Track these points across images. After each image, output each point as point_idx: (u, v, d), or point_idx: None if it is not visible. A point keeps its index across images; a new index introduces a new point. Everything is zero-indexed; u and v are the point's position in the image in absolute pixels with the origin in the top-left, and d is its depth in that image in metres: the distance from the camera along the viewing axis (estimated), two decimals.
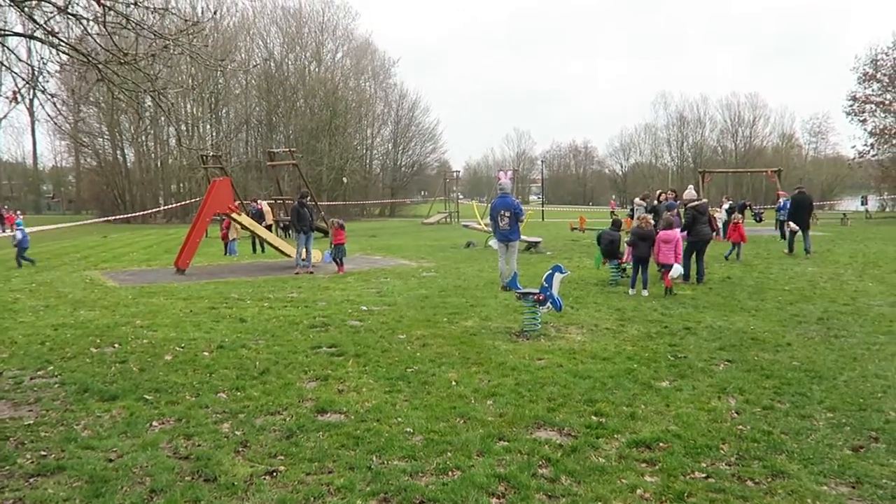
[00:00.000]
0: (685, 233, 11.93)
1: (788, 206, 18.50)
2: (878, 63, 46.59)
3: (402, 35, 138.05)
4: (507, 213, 11.35)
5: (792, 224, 17.15)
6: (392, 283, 12.33)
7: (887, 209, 55.69)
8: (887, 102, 46.95)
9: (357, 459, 4.09)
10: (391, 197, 61.55)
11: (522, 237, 14.51)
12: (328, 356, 6.74)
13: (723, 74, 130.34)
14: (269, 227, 20.69)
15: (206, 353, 6.90)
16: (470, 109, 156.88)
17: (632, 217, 20.40)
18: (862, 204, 53.45)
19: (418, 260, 17.16)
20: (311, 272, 14.22)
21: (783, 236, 19.95)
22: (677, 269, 10.71)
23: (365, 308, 9.56)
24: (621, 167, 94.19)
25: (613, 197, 71.45)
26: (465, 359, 6.56)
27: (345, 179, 48.77)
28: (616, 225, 12.82)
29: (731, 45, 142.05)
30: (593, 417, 4.82)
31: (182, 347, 7.19)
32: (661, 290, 10.64)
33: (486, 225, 26.74)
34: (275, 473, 3.92)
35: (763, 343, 7.14)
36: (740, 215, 20.57)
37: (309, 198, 15.43)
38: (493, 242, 12.56)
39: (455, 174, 52.77)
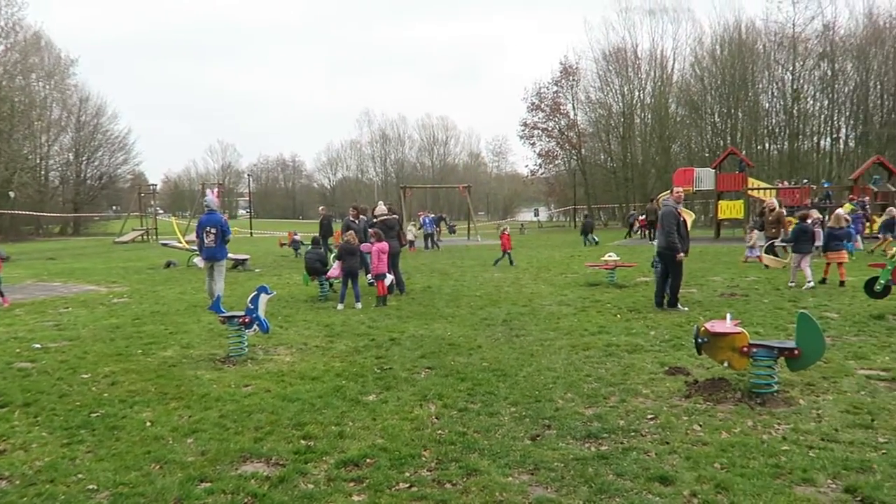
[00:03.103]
0: None
1: None
2: (542, 95, 54.41)
3: (82, 30, 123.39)
4: (214, 230, 11.09)
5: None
6: (75, 314, 10.84)
7: (554, 219, 65.08)
8: (550, 129, 55.03)
9: None
10: (74, 212, 54.31)
11: (230, 255, 13.94)
12: None
13: (418, 96, 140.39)
14: None
15: None
16: (167, 118, 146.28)
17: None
18: (535, 215, 61.80)
19: (108, 284, 15.37)
20: None
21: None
22: (388, 279, 11.33)
23: (38, 346, 8.23)
24: (329, 181, 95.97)
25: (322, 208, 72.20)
26: (162, 394, 6.00)
27: (11, 194, 41.70)
28: (316, 242, 13.27)
29: (412, 67, 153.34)
30: (302, 442, 4.74)
31: None
32: (369, 303, 11.00)
33: (188, 243, 25.03)
34: None
35: (458, 347, 7.77)
36: (437, 227, 22.33)
37: None
38: (199, 261, 12.25)
39: (152, 187, 48.61)
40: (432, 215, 28.80)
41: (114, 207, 65.40)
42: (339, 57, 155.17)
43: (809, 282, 11.90)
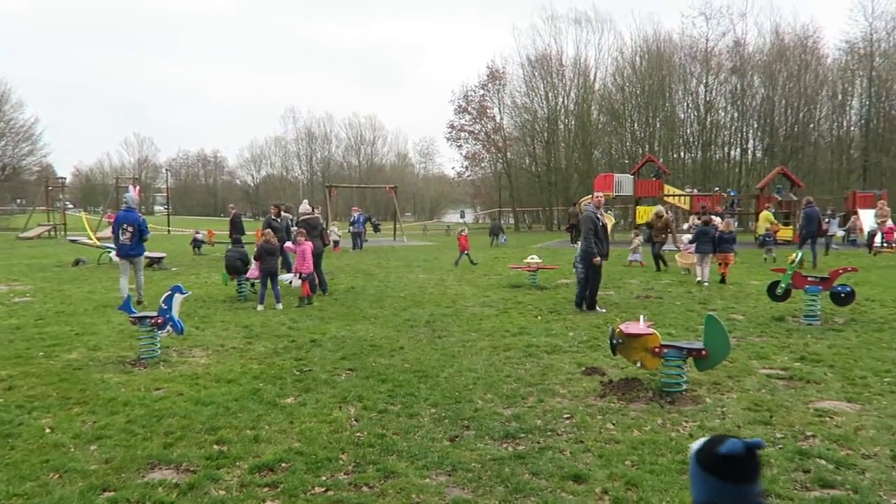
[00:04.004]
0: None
1: None
2: (469, 98, 54.95)
3: None
4: (131, 229, 10.97)
5: None
6: None
7: (480, 221, 65.78)
8: (476, 132, 55.62)
9: None
10: None
11: (146, 253, 13.45)
12: None
13: (345, 95, 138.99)
14: None
15: None
16: (79, 108, 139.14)
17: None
18: (461, 217, 62.30)
19: (9, 283, 14.48)
20: None
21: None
22: (292, 278, 11.25)
23: None
24: (253, 178, 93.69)
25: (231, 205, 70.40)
26: (64, 399, 5.69)
27: None
28: (237, 241, 12.95)
29: (339, 66, 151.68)
30: (215, 447, 4.59)
31: None
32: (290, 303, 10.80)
33: (99, 239, 23.90)
34: None
35: (380, 349, 7.72)
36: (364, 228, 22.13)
37: None
38: (115, 255, 12.28)
39: (61, 181, 46.15)
40: (362, 213, 28.56)
41: (18, 201, 61.57)
42: (263, 53, 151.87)
43: (702, 279, 13.26)
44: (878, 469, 4.14)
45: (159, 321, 7.19)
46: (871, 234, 22.17)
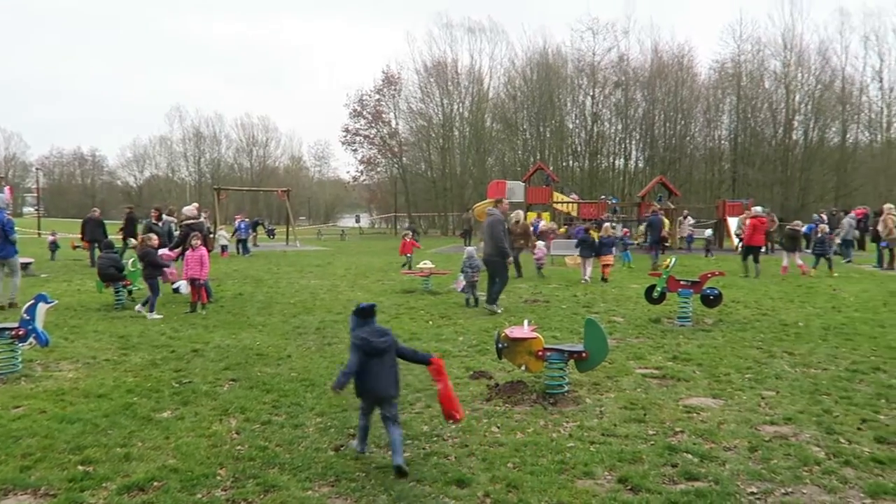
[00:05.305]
0: (177, 249, 12.16)
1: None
2: (364, 103, 54.70)
3: None
4: None
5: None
6: None
7: (376, 226, 65.55)
8: (372, 136, 55.45)
9: None
10: None
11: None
12: None
13: (236, 95, 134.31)
14: None
15: None
16: None
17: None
18: (356, 221, 61.83)
19: None
20: None
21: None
22: (184, 286, 10.79)
23: None
24: (136, 179, 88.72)
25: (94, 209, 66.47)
26: None
27: None
28: (109, 246, 12.24)
29: (230, 65, 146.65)
30: (80, 468, 4.28)
31: None
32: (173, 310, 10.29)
33: None
34: None
35: (267, 358, 7.50)
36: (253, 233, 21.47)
37: None
38: None
39: None
40: (247, 220, 27.66)
41: None
42: (145, 48, 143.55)
43: (587, 278, 15.09)
44: (737, 461, 4.45)
45: (20, 333, 6.65)
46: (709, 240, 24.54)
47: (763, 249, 22.62)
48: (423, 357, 4.70)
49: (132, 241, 18.20)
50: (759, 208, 19.11)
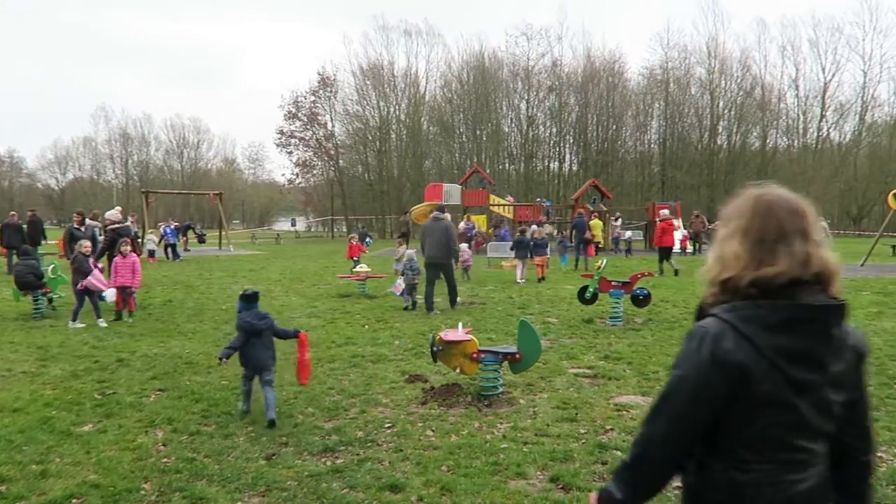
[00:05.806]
0: (107, 253, 11.77)
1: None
2: (299, 104, 53.93)
3: None
4: None
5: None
6: None
7: (312, 229, 64.68)
8: (307, 138, 54.72)
9: None
10: None
11: None
12: None
13: (165, 95, 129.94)
14: None
15: None
16: None
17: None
18: (292, 225, 60.83)
19: None
20: None
21: None
22: (111, 293, 10.32)
23: None
24: (58, 182, 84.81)
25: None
26: None
27: None
28: (27, 253, 11.65)
29: (159, 64, 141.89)
30: None
31: None
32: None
33: None
34: None
35: (196, 366, 7.29)
36: (184, 237, 20.81)
37: None
38: None
39: None
40: (175, 224, 26.83)
41: None
42: (64, 44, 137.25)
43: (521, 280, 15.53)
44: None
45: None
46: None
47: (680, 250, 23.61)
48: (293, 332, 5.76)
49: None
50: (666, 211, 19.80)
